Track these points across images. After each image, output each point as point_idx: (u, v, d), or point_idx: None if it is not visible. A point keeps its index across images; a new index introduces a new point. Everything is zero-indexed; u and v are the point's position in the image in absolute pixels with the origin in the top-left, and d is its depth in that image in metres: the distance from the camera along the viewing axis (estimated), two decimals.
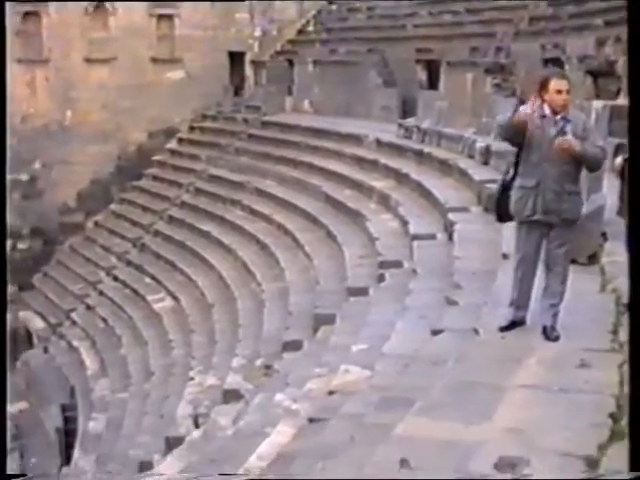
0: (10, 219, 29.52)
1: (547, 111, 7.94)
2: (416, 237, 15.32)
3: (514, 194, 8.21)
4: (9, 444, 21.72)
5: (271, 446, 9.11)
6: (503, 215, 8.52)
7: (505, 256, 10.70)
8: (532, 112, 7.87)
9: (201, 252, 23.39)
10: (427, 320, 10.69)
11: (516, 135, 8.03)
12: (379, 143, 23.20)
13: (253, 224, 22.90)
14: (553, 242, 8.18)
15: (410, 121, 23.46)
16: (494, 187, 9.30)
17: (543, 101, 7.94)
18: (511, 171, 8.31)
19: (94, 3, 30.67)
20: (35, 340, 26.38)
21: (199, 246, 23.88)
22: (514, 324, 8.40)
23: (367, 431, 7.42)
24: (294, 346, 13.72)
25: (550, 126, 7.94)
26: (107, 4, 30.88)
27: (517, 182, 8.21)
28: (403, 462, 5.66)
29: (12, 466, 20.65)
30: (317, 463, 7.25)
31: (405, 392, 7.93)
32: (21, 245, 30.25)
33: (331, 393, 9.97)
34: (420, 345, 9.73)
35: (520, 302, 8.37)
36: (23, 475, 10.04)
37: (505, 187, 8.34)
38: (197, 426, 13.63)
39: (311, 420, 9.37)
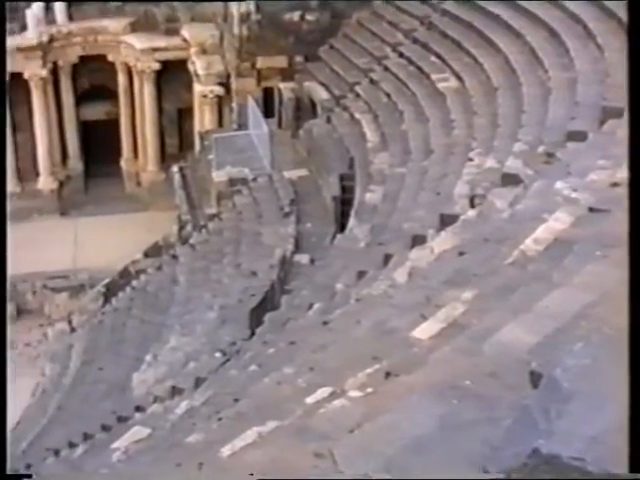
0: None
1: None
2: None
3: None
4: (287, 208, 22.69)
5: (548, 231, 9.07)
6: None
7: None
8: None
9: (489, 34, 22.90)
10: None
11: None
12: None
13: (544, 10, 22.08)
14: None
15: None
16: None
17: None
18: None
19: None
20: (319, 110, 26.97)
21: (487, 28, 23.36)
22: None
23: None
24: (578, 136, 13.41)
25: None
26: None
27: None
28: None
29: (288, 230, 21.62)
30: (596, 251, 7.18)
31: None
32: (309, 17, 30.46)
33: (614, 185, 9.75)
34: None
35: None
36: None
37: None
38: (473, 206, 13.68)
39: (591, 209, 9.24)
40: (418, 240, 13.02)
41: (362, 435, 4.65)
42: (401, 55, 26.08)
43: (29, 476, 9.86)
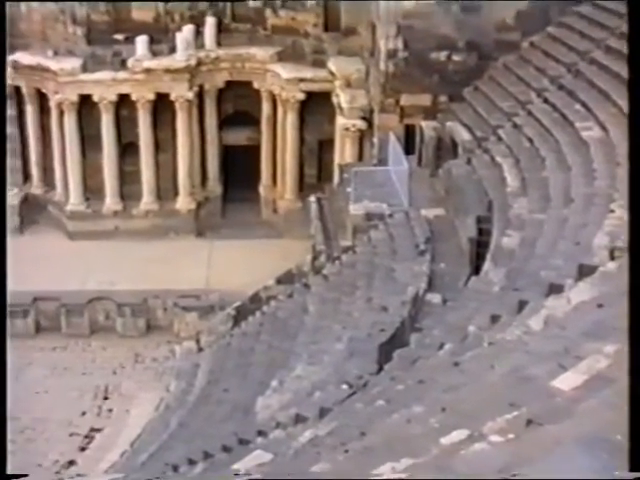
0: (447, 31, 29.95)
1: None
2: None
3: None
4: (422, 246, 22.70)
5: None
6: None
7: None
8: None
9: None
10: None
11: None
12: None
13: None
14: None
15: None
16: None
17: None
18: None
19: None
20: (459, 151, 26.95)
21: None
22: None
23: None
24: None
25: None
26: None
27: None
28: None
29: (422, 268, 21.57)
30: None
31: None
32: (456, 57, 30.54)
33: None
34: None
35: None
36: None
37: None
38: (612, 258, 13.53)
39: None
40: (555, 289, 12.90)
41: None
42: (546, 101, 25.95)
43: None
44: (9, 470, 26.59)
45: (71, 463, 27.68)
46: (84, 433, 29.12)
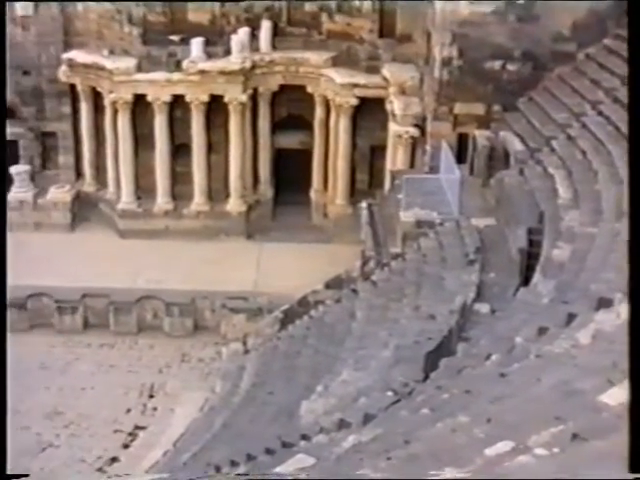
0: (503, 40, 29.83)
1: None
2: None
3: None
4: (472, 255, 22.62)
5: None
6: None
7: None
8: None
9: None
10: None
11: None
12: None
13: None
14: None
15: None
16: None
17: None
18: None
19: None
20: (512, 161, 26.84)
21: None
22: None
23: None
24: None
25: None
26: None
27: None
28: None
29: (471, 277, 21.49)
30: None
31: None
32: (510, 67, 30.38)
33: None
34: None
35: None
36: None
37: None
38: None
39: None
40: (604, 302, 12.79)
41: None
42: (600, 113, 25.74)
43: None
44: (58, 462, 26.92)
45: (114, 460, 27.90)
46: (128, 430, 29.34)
